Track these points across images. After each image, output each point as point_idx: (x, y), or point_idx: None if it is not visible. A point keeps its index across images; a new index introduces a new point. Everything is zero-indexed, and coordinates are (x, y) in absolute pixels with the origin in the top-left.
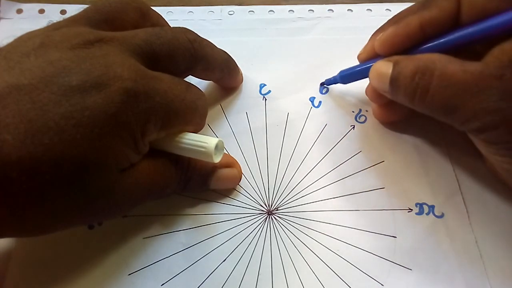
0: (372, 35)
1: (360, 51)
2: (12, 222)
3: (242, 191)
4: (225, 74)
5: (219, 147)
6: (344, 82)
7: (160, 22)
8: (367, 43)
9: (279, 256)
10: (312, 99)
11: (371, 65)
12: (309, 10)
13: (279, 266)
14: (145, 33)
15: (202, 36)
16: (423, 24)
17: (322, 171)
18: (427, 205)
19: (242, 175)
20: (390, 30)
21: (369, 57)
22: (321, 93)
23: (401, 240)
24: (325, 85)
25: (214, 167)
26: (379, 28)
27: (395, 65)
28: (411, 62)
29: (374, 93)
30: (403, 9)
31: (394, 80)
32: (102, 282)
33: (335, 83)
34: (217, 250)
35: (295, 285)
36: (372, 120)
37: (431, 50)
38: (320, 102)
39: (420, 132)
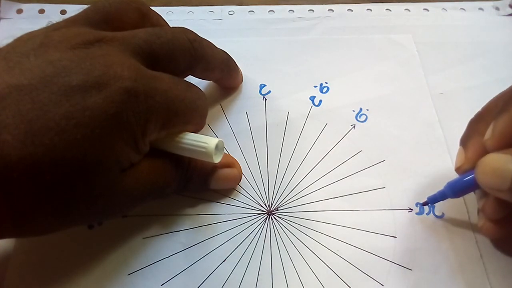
0: (464, 141)
1: (459, 163)
2: (12, 223)
3: (242, 191)
4: (225, 74)
5: (219, 147)
6: (457, 196)
7: (160, 22)
8: (463, 151)
9: (279, 256)
10: (312, 98)
11: None
12: (309, 10)
13: (279, 266)
14: (145, 33)
15: (202, 36)
16: None
17: (322, 171)
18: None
19: (242, 175)
20: (503, 121)
21: (474, 165)
22: (322, 92)
23: (401, 240)
24: (428, 204)
25: (214, 167)
26: (469, 133)
27: None
28: None
29: (495, 205)
30: (403, 10)
31: None
32: (102, 282)
33: (444, 199)
34: (217, 250)
35: (295, 285)
36: (372, 119)
37: None
38: (320, 101)
39: (421, 132)
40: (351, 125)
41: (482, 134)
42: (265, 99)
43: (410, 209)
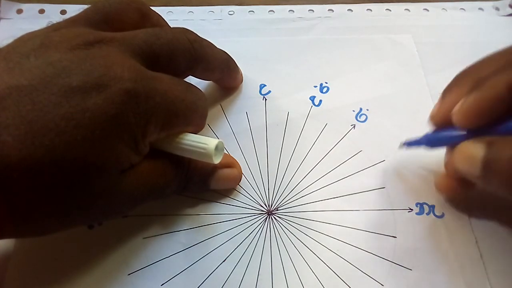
0: (444, 92)
1: (433, 113)
2: (12, 223)
3: (242, 191)
4: (225, 74)
5: (219, 148)
6: (431, 147)
7: (160, 22)
8: (441, 103)
9: (279, 256)
10: (312, 98)
11: (464, 134)
12: (309, 10)
13: (279, 266)
14: (145, 34)
15: (202, 36)
16: None
17: (322, 171)
18: (427, 205)
19: (242, 175)
20: (471, 99)
21: (445, 120)
22: (322, 92)
23: (401, 240)
24: (406, 146)
25: (214, 167)
26: (451, 86)
27: (489, 146)
28: (511, 146)
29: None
30: (403, 10)
31: (488, 165)
32: (102, 282)
33: (419, 146)
34: (217, 250)
35: (295, 285)
36: (372, 119)
37: None
38: (320, 101)
39: (421, 132)
40: (351, 125)
41: (461, 89)
42: (265, 99)
43: (410, 209)
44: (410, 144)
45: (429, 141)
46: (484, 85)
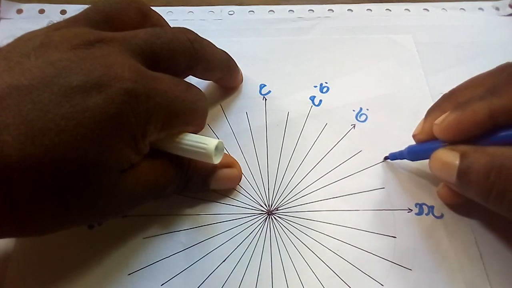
0: (428, 112)
1: (416, 131)
2: (12, 223)
3: (242, 191)
4: (225, 74)
5: (219, 148)
6: (412, 159)
7: (160, 22)
8: (424, 122)
9: (279, 256)
10: (312, 98)
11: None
12: (309, 10)
13: (279, 266)
14: (145, 34)
15: (202, 36)
16: (493, 113)
17: (322, 171)
18: (426, 205)
19: (242, 175)
20: (453, 117)
21: (428, 138)
22: (322, 92)
23: (401, 240)
24: (388, 159)
25: (214, 167)
26: (435, 107)
27: (463, 156)
28: (483, 156)
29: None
30: (403, 10)
31: (463, 174)
32: (102, 282)
33: (401, 159)
34: (217, 250)
35: (295, 285)
36: (372, 119)
37: (504, 143)
38: (320, 100)
39: None
40: (351, 125)
41: (444, 111)
42: (265, 99)
43: (410, 209)
44: (393, 157)
45: (410, 154)
46: (467, 107)
